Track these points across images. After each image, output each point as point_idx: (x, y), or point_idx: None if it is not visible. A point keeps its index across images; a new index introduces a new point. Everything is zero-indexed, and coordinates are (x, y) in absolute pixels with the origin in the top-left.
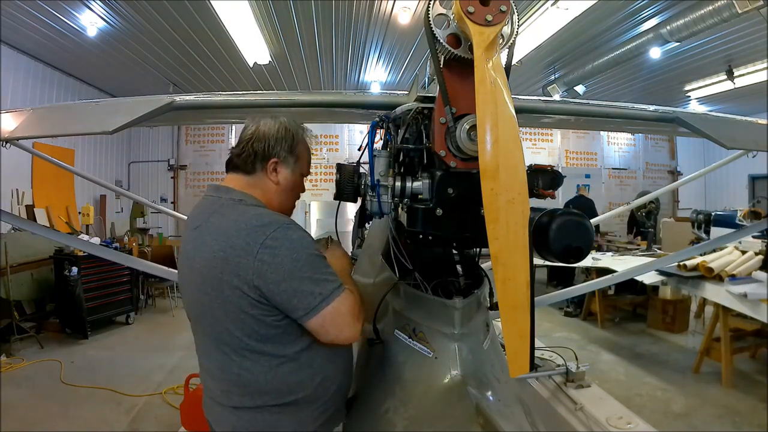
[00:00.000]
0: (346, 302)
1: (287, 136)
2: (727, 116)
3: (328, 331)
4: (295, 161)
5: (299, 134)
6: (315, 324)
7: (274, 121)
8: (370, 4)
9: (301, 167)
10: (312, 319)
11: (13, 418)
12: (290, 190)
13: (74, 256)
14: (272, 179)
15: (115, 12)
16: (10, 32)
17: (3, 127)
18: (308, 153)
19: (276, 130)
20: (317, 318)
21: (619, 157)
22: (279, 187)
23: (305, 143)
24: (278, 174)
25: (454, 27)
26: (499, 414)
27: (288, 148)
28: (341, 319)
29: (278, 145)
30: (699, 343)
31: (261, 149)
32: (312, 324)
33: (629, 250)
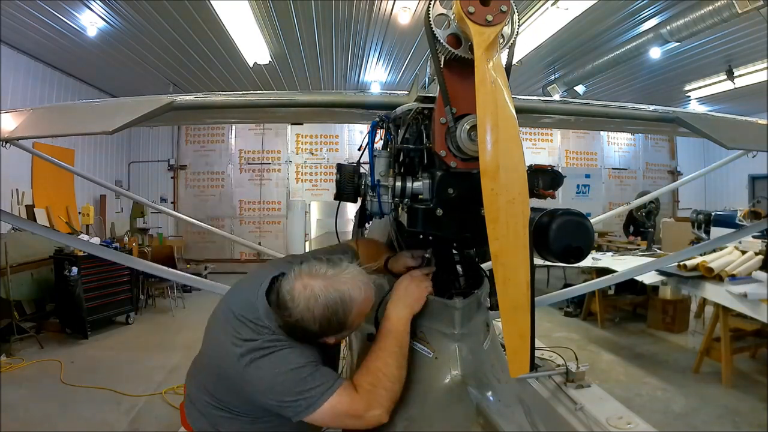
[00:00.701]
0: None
1: (333, 324)
2: (727, 116)
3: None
4: (347, 329)
5: (349, 310)
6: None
7: (312, 304)
8: (370, 4)
9: (357, 325)
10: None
11: (13, 418)
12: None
13: (74, 256)
14: (324, 341)
15: (115, 12)
16: (10, 32)
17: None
18: (368, 306)
19: (319, 322)
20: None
21: (619, 157)
22: None
23: (363, 306)
24: (331, 341)
25: (454, 27)
26: (500, 414)
27: (337, 329)
28: (338, 419)
29: (326, 332)
30: (699, 343)
31: (306, 337)
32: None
33: (629, 250)
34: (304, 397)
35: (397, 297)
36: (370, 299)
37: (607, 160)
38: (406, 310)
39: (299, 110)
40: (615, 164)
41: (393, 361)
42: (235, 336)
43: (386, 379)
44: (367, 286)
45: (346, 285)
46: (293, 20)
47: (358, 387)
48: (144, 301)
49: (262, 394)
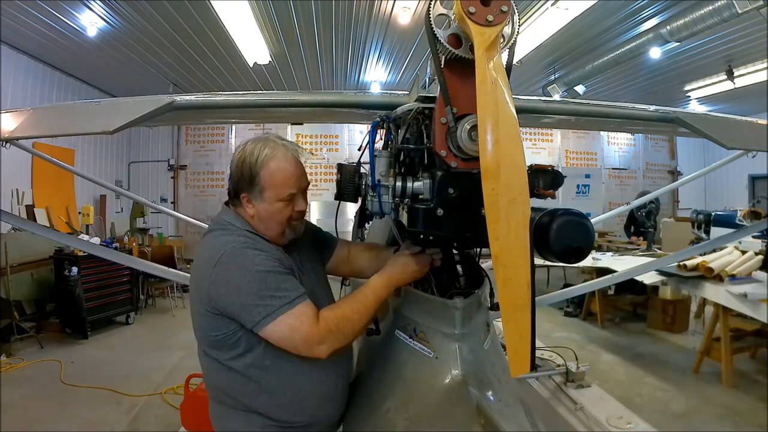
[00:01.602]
0: (294, 325)
1: (244, 171)
2: (727, 116)
3: (281, 344)
4: (260, 192)
5: (259, 162)
6: (264, 336)
7: (239, 151)
8: (370, 4)
9: (274, 195)
10: (261, 332)
11: (13, 418)
12: (267, 219)
13: (74, 256)
14: (248, 212)
15: (115, 12)
16: (10, 32)
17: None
18: (282, 173)
19: (236, 165)
20: (264, 332)
21: (619, 157)
22: (254, 219)
23: (273, 164)
24: (251, 207)
25: (454, 27)
26: (500, 414)
27: (248, 182)
28: (289, 341)
29: (240, 181)
30: (699, 343)
31: (231, 188)
32: (262, 335)
33: (629, 250)
34: (265, 304)
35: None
36: (286, 172)
37: (607, 160)
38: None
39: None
40: (615, 164)
41: (365, 319)
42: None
43: (350, 328)
44: (289, 158)
45: (271, 145)
46: (293, 20)
47: (323, 320)
48: (144, 301)
49: (227, 296)
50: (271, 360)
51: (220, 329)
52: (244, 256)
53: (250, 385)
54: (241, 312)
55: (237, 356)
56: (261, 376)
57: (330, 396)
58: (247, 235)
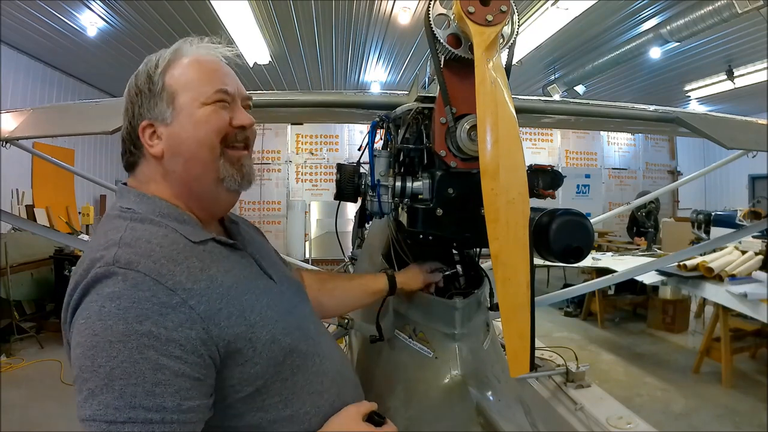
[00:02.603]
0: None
1: (139, 85)
2: (727, 116)
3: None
4: (170, 102)
5: (160, 65)
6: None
7: (131, 80)
8: (370, 4)
9: (192, 97)
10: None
11: (13, 418)
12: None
13: (74, 256)
14: (153, 152)
15: (115, 12)
16: (10, 32)
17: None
18: (196, 65)
19: (126, 93)
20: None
21: (619, 157)
22: (166, 157)
23: (185, 61)
24: (159, 139)
25: (454, 27)
26: (500, 414)
27: (149, 93)
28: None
29: (134, 105)
30: (699, 343)
31: (125, 132)
32: None
33: (629, 250)
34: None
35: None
36: (201, 62)
37: (607, 160)
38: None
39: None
40: (615, 164)
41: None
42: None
43: None
44: (205, 46)
45: (177, 45)
46: (293, 20)
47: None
48: None
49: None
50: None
51: None
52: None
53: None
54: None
55: None
56: None
57: None
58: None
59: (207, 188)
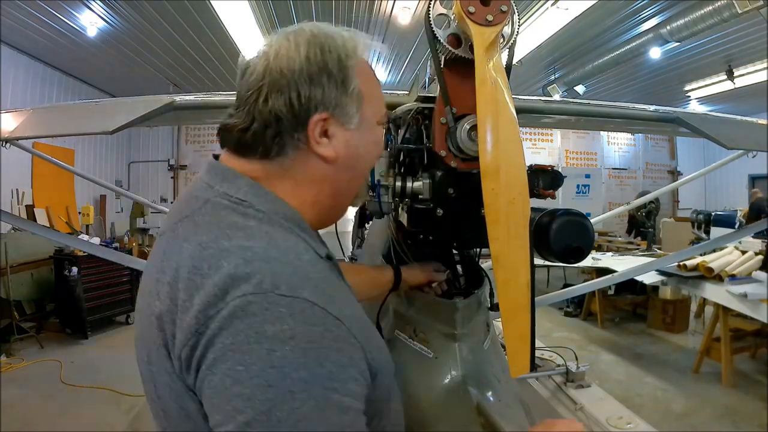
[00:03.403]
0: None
1: (330, 63)
2: (727, 116)
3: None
4: (359, 104)
5: (350, 47)
6: None
7: (295, 43)
8: (370, 4)
9: (374, 112)
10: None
11: (13, 418)
12: (364, 159)
13: (74, 256)
14: (325, 153)
15: (115, 12)
16: (10, 32)
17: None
18: (377, 85)
19: (304, 61)
20: None
21: (619, 157)
22: (338, 164)
23: (366, 62)
24: (332, 139)
25: (454, 27)
26: (500, 414)
27: (338, 82)
28: None
29: (317, 84)
30: (699, 343)
31: (285, 106)
32: None
33: (629, 250)
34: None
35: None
36: (379, 86)
37: (607, 160)
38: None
39: None
40: (615, 164)
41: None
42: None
43: None
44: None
45: (346, 33)
46: (293, 20)
47: None
48: None
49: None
50: None
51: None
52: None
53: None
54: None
55: None
56: None
57: None
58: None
59: (345, 206)
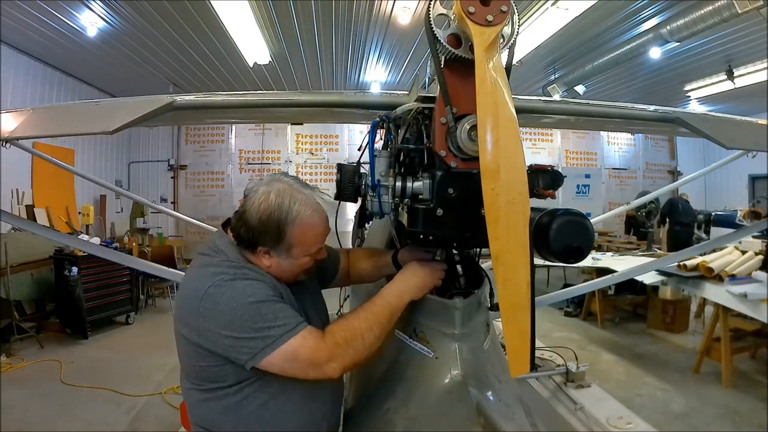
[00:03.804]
0: (298, 347)
1: (269, 226)
2: (727, 116)
3: (286, 371)
4: (288, 249)
5: (289, 219)
6: (263, 367)
7: (261, 200)
8: (370, 4)
9: (301, 252)
10: (259, 364)
11: (13, 418)
12: (286, 272)
13: (74, 256)
14: (264, 263)
15: (115, 12)
16: (10, 32)
17: (3, 127)
18: (313, 231)
19: (258, 217)
20: (263, 363)
21: (619, 157)
22: (271, 269)
23: (306, 221)
24: (269, 259)
25: (454, 27)
26: (500, 414)
27: (275, 238)
28: (295, 364)
29: (262, 235)
30: (699, 343)
31: (246, 237)
32: (261, 366)
33: (629, 250)
34: (262, 335)
35: (403, 276)
36: (318, 229)
37: (607, 160)
38: (408, 291)
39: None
40: (615, 164)
41: (377, 331)
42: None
43: (361, 343)
44: (320, 214)
45: (301, 197)
46: (293, 20)
47: (329, 335)
48: (144, 301)
49: (217, 332)
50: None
51: (207, 363)
52: (233, 288)
53: (228, 417)
54: (234, 347)
55: (219, 388)
56: (240, 408)
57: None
58: (237, 266)
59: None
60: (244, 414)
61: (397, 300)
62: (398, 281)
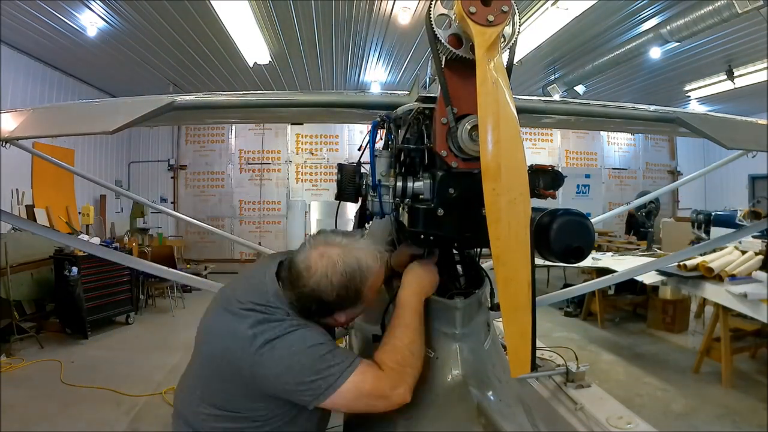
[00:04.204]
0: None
1: (350, 292)
2: (727, 116)
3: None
4: (361, 302)
5: (365, 279)
6: (331, 406)
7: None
8: (370, 4)
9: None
10: (325, 403)
11: (13, 418)
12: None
13: (74, 256)
14: (339, 321)
15: (115, 12)
16: (10, 32)
17: (3, 127)
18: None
19: (336, 292)
20: (328, 403)
21: (619, 157)
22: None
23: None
24: (344, 316)
25: (455, 27)
26: (500, 414)
27: (354, 300)
28: (361, 401)
29: (342, 303)
30: (699, 343)
31: (320, 309)
32: (327, 406)
33: (629, 250)
34: (324, 376)
35: (409, 283)
36: (382, 272)
37: (607, 160)
38: (420, 293)
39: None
40: (615, 164)
41: (418, 338)
42: (242, 323)
43: (413, 356)
44: (381, 256)
45: (362, 252)
46: (293, 20)
47: (383, 365)
48: (144, 301)
49: (276, 377)
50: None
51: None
52: (293, 335)
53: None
54: (297, 390)
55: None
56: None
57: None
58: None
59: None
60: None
61: (418, 303)
62: (412, 284)
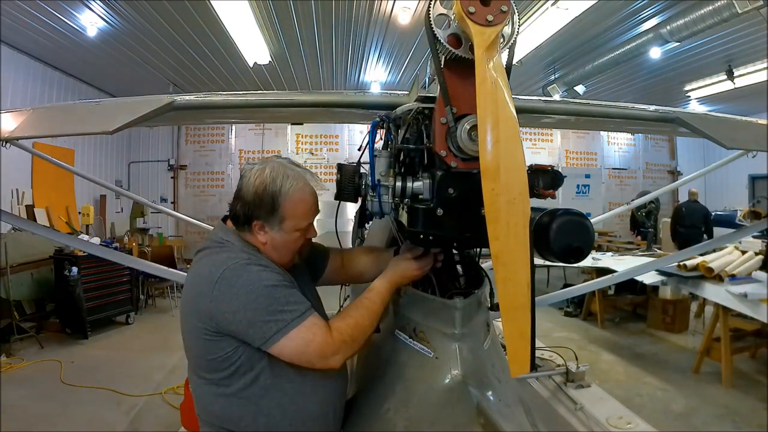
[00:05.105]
0: (309, 341)
1: (264, 198)
2: (727, 116)
3: (294, 359)
4: (281, 222)
5: (282, 192)
6: (275, 353)
7: (257, 175)
8: (370, 4)
9: (293, 225)
10: (271, 348)
11: (13, 418)
12: (282, 248)
13: (74, 256)
14: (259, 239)
15: (115, 12)
16: (10, 32)
17: (3, 127)
18: (304, 205)
19: (254, 191)
20: (275, 348)
21: (619, 157)
22: (266, 246)
23: (297, 195)
24: (264, 235)
25: (454, 27)
26: (500, 414)
27: (269, 210)
28: (303, 356)
29: (257, 208)
30: (699, 343)
31: (242, 213)
32: (273, 352)
33: (629, 250)
34: (275, 319)
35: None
36: (308, 202)
37: (607, 160)
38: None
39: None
40: (615, 164)
41: (373, 323)
42: (198, 265)
43: (362, 335)
44: (310, 189)
45: (291, 174)
46: (293, 20)
47: (336, 331)
48: (144, 301)
49: (233, 314)
50: (272, 379)
51: (221, 350)
52: (249, 272)
53: (247, 408)
54: (249, 330)
55: (235, 377)
56: (259, 398)
57: (328, 417)
58: (248, 252)
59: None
60: (263, 403)
61: (387, 290)
62: (388, 272)
